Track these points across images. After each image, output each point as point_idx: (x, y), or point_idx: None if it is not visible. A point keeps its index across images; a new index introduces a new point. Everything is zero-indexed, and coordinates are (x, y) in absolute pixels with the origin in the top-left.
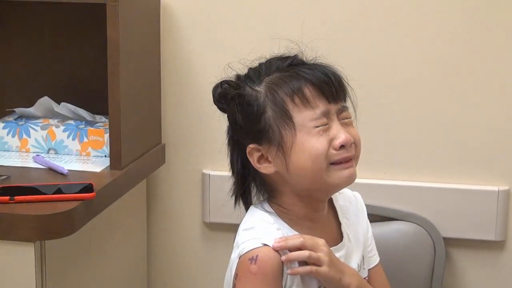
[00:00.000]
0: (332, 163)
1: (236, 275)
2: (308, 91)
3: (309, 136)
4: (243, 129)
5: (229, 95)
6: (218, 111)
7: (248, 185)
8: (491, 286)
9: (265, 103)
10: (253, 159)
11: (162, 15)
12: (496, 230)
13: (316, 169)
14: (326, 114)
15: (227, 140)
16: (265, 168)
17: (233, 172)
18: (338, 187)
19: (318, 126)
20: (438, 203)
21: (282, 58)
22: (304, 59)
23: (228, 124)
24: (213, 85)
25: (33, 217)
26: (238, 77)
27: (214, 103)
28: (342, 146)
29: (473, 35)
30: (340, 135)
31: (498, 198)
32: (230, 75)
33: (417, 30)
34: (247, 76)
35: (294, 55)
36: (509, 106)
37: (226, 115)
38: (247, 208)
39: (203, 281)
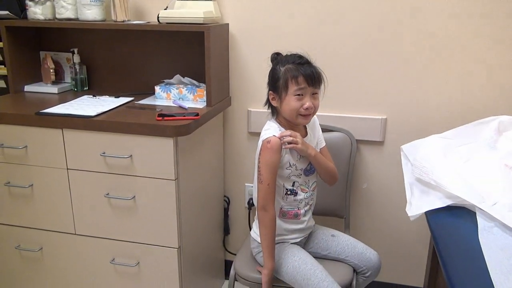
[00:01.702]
0: (300, 114)
1: (260, 150)
2: (301, 79)
3: (292, 98)
4: (270, 83)
5: (272, 64)
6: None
7: (271, 104)
8: (378, 164)
9: (280, 76)
10: (270, 97)
11: (230, 35)
12: (379, 134)
13: (291, 115)
14: (304, 92)
15: (267, 83)
16: (273, 103)
17: (267, 96)
18: (300, 124)
19: (298, 95)
20: (354, 123)
21: (298, 56)
22: (308, 58)
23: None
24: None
25: (172, 127)
26: (276, 57)
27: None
28: (306, 109)
29: None
30: (306, 103)
31: (381, 122)
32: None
33: None
34: (279, 59)
35: (305, 59)
36: (395, 57)
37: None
38: (272, 113)
39: (248, 156)
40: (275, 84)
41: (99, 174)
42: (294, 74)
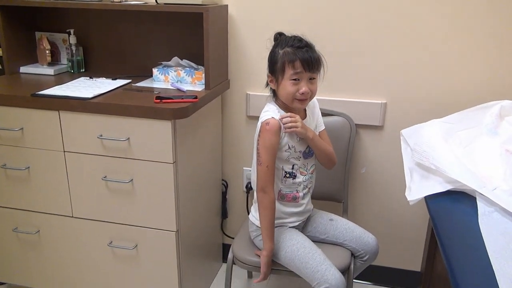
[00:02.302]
0: (296, 99)
1: (259, 132)
2: (297, 63)
3: (287, 83)
4: (269, 65)
5: (273, 45)
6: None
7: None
8: (377, 148)
9: (278, 59)
10: (268, 79)
11: (229, 16)
12: (379, 119)
13: (287, 99)
14: (301, 76)
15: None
16: (271, 85)
17: (267, 78)
18: (296, 108)
19: (294, 80)
20: (353, 107)
21: (297, 39)
22: (308, 41)
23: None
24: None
25: (170, 109)
26: (278, 37)
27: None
28: (302, 94)
29: None
30: (302, 88)
31: (381, 107)
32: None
33: None
34: (279, 40)
35: (304, 42)
36: (396, 41)
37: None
38: (274, 95)
39: (246, 140)
40: (273, 66)
41: (96, 157)
42: (291, 58)
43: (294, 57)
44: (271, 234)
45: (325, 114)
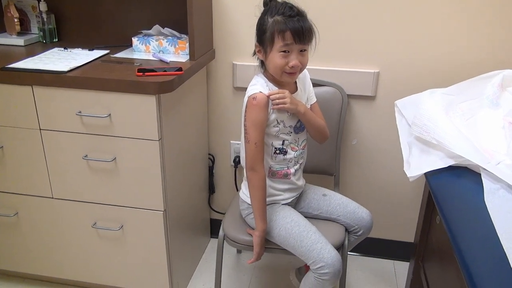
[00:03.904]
0: (285, 72)
1: (246, 107)
2: (287, 34)
3: (276, 55)
4: (257, 34)
5: (262, 12)
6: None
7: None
8: (369, 120)
9: (267, 29)
10: (256, 49)
11: None
12: (371, 89)
13: (276, 72)
14: (291, 48)
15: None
16: (259, 56)
17: (255, 47)
18: (285, 81)
19: (283, 51)
20: (344, 77)
21: (288, 7)
22: (300, 9)
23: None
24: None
25: (154, 83)
26: (268, 2)
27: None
28: (292, 67)
29: None
30: (292, 62)
31: (373, 76)
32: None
33: None
34: (269, 8)
35: (295, 10)
36: (389, 6)
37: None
38: (262, 66)
39: (233, 112)
40: (262, 36)
41: (75, 135)
42: (281, 28)
43: (285, 27)
44: (263, 213)
45: (315, 84)
